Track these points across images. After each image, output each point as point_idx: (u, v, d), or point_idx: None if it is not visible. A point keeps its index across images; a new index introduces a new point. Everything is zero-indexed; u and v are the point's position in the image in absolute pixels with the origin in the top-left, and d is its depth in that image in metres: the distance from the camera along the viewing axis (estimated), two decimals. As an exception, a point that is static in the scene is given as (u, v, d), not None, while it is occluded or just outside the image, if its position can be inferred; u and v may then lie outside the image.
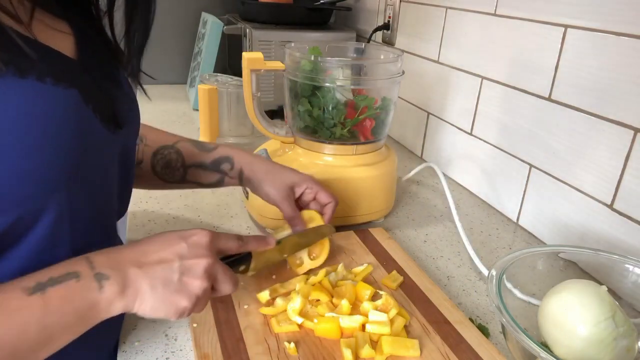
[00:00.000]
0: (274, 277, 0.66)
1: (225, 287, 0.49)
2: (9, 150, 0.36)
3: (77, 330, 0.41)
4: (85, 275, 0.40)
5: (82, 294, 0.40)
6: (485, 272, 0.73)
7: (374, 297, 0.61)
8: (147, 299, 0.43)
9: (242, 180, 0.70)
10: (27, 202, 0.39)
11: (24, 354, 0.38)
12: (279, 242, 0.60)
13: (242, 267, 0.56)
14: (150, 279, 0.43)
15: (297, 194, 0.69)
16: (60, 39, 0.45)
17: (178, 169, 0.69)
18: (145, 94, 0.54)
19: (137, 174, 0.65)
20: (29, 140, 0.37)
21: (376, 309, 0.58)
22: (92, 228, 0.47)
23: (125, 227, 0.79)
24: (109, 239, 0.53)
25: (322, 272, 0.64)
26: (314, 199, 0.69)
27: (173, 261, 0.45)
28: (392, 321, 0.56)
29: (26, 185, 0.38)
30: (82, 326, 0.41)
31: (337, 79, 0.78)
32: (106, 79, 0.49)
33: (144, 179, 0.69)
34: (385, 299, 0.60)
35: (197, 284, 0.45)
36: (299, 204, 0.70)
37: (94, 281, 0.41)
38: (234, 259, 0.55)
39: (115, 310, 0.42)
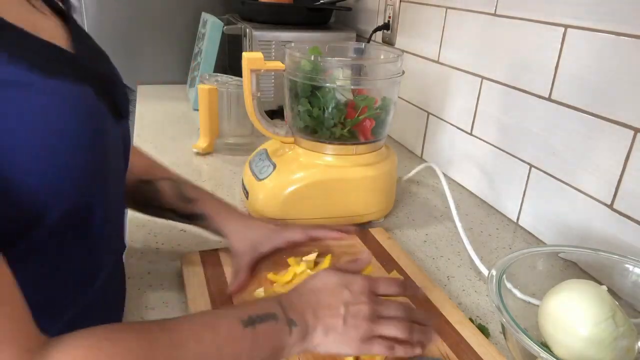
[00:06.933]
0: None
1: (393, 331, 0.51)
2: (51, 149, 0.38)
3: None
4: (281, 318, 0.46)
5: (278, 335, 0.46)
6: (485, 272, 0.73)
7: None
8: (321, 344, 0.48)
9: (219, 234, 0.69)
10: (72, 197, 0.40)
11: None
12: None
13: None
14: (323, 326, 0.48)
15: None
16: (53, 28, 0.45)
17: (154, 207, 0.68)
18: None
19: None
20: (67, 138, 0.39)
21: None
22: (109, 218, 0.49)
23: (126, 227, 0.79)
24: (119, 227, 0.55)
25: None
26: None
27: (339, 308, 0.49)
28: None
29: (69, 182, 0.40)
30: None
31: (337, 79, 0.78)
32: (104, 73, 0.50)
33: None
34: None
35: (364, 326, 0.49)
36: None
37: (286, 325, 0.46)
38: None
39: (294, 352, 0.48)
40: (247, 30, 1.31)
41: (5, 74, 0.35)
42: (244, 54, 0.78)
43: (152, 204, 0.68)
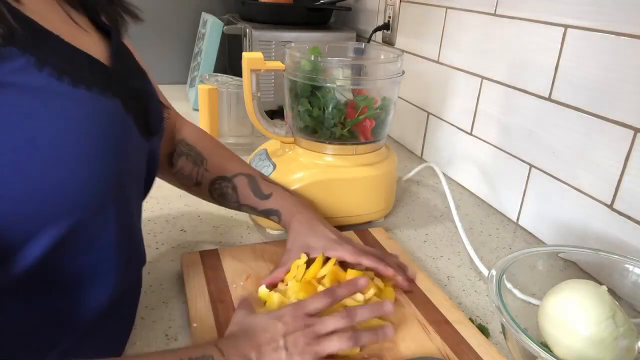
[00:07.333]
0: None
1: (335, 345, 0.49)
2: (68, 158, 0.37)
3: None
4: None
5: None
6: (485, 272, 0.73)
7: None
8: None
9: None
10: (83, 209, 0.39)
11: None
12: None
13: None
14: None
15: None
16: (93, 43, 0.45)
17: (232, 202, 0.72)
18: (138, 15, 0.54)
19: (196, 193, 0.73)
20: (85, 149, 0.38)
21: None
22: (122, 235, 0.47)
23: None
24: (136, 242, 0.53)
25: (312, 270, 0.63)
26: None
27: (279, 341, 0.48)
28: (368, 300, 0.59)
29: (82, 193, 0.38)
30: None
31: (337, 79, 0.78)
32: (139, 89, 0.50)
33: (202, 198, 0.74)
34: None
35: (308, 351, 0.48)
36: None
37: None
38: None
39: None
40: (247, 30, 1.31)
41: (30, 80, 0.34)
42: (244, 54, 0.78)
43: (230, 199, 0.71)
